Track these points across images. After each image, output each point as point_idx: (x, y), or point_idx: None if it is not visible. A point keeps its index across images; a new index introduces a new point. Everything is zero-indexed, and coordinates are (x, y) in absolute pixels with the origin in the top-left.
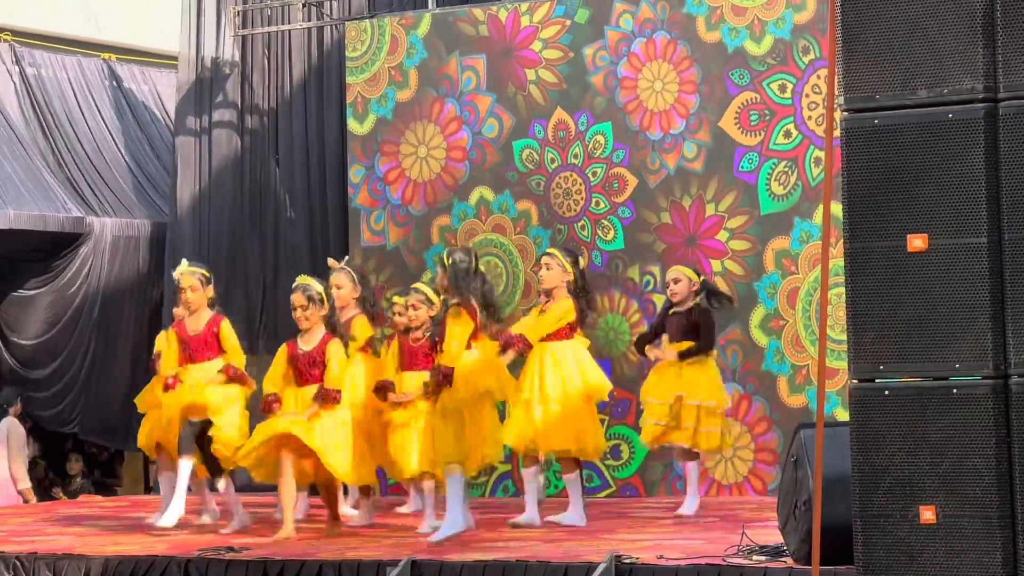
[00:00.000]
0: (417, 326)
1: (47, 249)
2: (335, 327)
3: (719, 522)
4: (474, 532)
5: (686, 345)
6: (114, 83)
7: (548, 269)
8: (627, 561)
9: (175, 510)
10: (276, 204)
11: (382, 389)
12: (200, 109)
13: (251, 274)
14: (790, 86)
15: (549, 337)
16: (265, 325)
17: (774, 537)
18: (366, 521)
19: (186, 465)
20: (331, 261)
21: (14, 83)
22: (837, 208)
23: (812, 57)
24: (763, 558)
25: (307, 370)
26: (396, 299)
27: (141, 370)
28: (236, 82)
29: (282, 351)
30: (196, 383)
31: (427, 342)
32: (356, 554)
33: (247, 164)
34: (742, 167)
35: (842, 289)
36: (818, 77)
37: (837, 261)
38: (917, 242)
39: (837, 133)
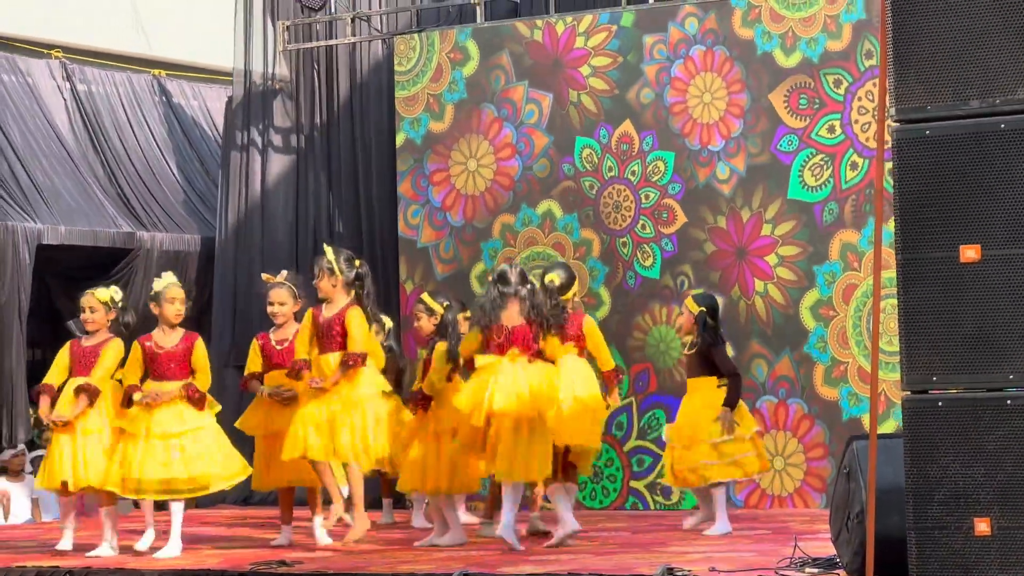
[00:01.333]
0: (426, 336)
1: (99, 265)
2: (360, 298)
3: (771, 534)
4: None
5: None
6: (164, 99)
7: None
8: (679, 573)
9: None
10: (326, 218)
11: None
12: (248, 124)
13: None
14: (845, 83)
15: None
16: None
17: (827, 549)
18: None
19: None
20: (266, 276)
21: (64, 99)
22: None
23: (873, 63)
24: (816, 571)
25: (326, 336)
26: None
27: None
28: (285, 97)
29: (308, 317)
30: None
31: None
32: (409, 567)
33: (296, 178)
34: (780, 146)
35: (894, 300)
36: (874, 84)
37: (890, 271)
38: (970, 253)
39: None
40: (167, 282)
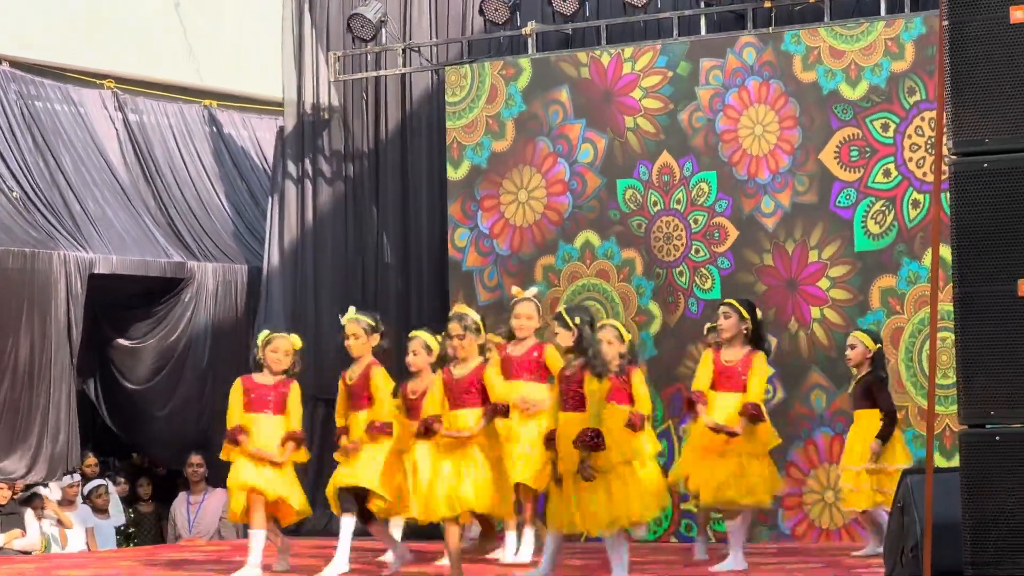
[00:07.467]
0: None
1: (149, 294)
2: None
3: (822, 568)
4: None
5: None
6: (214, 129)
7: (727, 318)
8: None
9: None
10: (375, 249)
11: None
12: (299, 154)
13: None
14: (893, 126)
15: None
16: None
17: None
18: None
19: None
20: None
21: (116, 130)
22: (946, 252)
23: (917, 98)
24: None
25: (462, 396)
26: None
27: None
28: (335, 127)
29: (438, 379)
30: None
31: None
32: None
33: (346, 207)
34: (839, 202)
35: (948, 333)
36: (922, 119)
37: (945, 305)
38: None
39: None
40: (344, 319)
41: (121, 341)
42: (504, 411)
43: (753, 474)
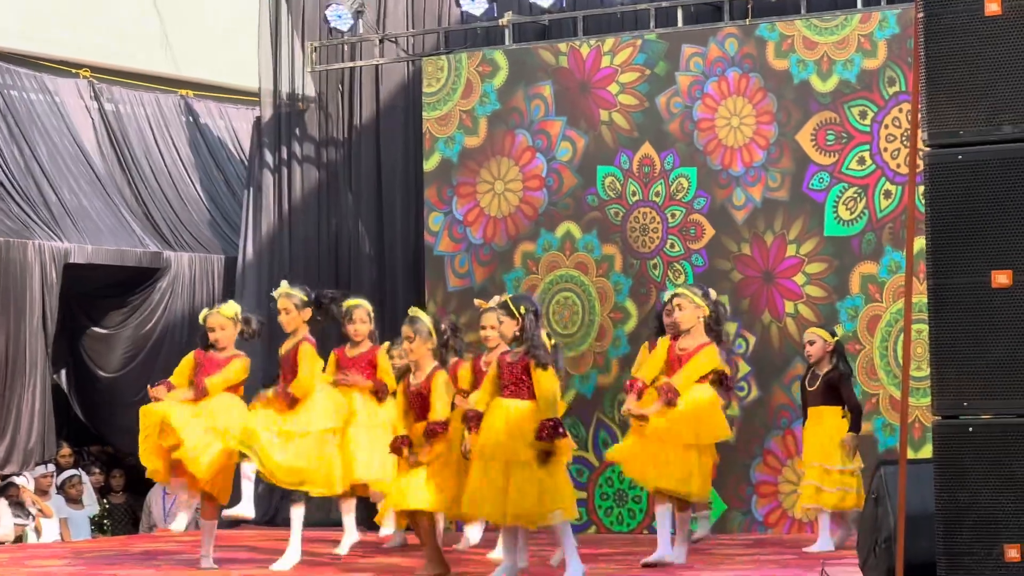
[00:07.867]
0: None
1: (124, 284)
2: (445, 361)
3: (797, 559)
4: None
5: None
6: (190, 119)
7: (681, 310)
8: None
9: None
10: (350, 237)
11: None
12: (276, 143)
13: None
14: (871, 114)
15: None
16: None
17: (854, 575)
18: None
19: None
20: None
21: (92, 119)
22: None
23: (896, 89)
24: None
25: (416, 405)
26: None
27: None
28: (311, 117)
29: (401, 391)
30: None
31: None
32: None
33: (321, 198)
34: (812, 185)
35: (923, 325)
36: (900, 110)
37: (921, 297)
38: (1001, 278)
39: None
40: (276, 293)
41: (95, 329)
42: (443, 427)
43: (691, 464)
